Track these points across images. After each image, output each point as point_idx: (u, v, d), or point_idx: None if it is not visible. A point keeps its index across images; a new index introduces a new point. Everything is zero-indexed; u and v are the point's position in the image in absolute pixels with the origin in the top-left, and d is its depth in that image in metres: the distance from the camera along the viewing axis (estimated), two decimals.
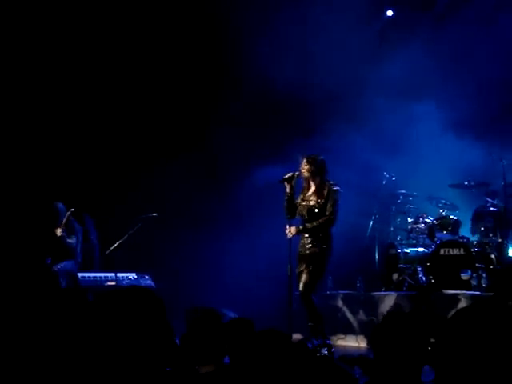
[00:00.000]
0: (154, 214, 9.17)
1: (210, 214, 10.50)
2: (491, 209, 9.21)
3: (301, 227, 7.52)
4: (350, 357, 5.33)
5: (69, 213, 9.22)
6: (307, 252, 7.50)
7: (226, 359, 4.41)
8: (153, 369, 3.07)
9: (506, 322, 2.77)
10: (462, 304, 8.22)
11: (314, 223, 7.47)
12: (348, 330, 9.30)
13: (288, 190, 7.60)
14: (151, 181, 10.52)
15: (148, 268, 9.44)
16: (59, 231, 9.08)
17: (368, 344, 8.83)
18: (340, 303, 9.58)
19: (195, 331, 4.23)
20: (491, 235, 9.09)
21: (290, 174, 7.57)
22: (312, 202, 7.55)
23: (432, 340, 3.45)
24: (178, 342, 4.43)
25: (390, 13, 11.77)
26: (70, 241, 9.25)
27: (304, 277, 7.47)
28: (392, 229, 10.17)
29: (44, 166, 10.37)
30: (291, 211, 7.63)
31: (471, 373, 2.65)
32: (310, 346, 4.70)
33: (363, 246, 10.27)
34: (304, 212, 7.57)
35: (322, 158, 7.66)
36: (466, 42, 10.55)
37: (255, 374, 3.60)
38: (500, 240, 9.04)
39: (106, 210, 10.28)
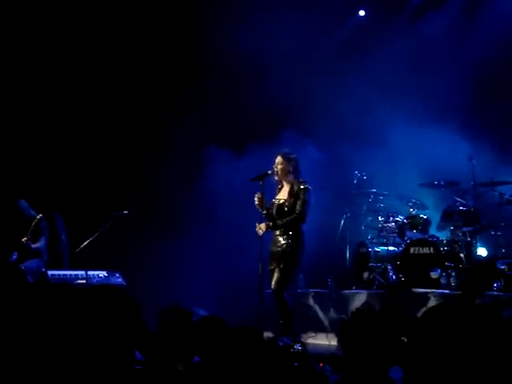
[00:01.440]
0: (125, 212, 9.12)
1: (180, 212, 10.46)
2: (460, 208, 9.28)
3: (270, 224, 7.53)
4: (321, 355, 5.34)
5: (37, 219, 9.10)
6: (279, 249, 7.52)
7: (196, 358, 4.40)
8: (127, 368, 3.05)
9: (472, 320, 2.80)
10: (432, 302, 8.29)
11: (284, 220, 7.49)
12: (319, 328, 9.32)
13: (262, 187, 7.62)
14: (122, 178, 10.48)
15: (118, 266, 9.38)
16: (24, 239, 8.96)
17: (338, 342, 8.88)
18: (311, 301, 9.60)
19: (164, 330, 4.21)
20: (460, 234, 9.16)
21: (263, 173, 7.58)
22: (282, 201, 7.57)
23: (403, 339, 3.46)
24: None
25: (362, 13, 11.85)
26: (35, 245, 9.15)
27: (276, 274, 7.48)
28: (363, 227, 10.22)
29: (15, 163, 10.27)
30: (263, 207, 7.65)
31: (440, 371, 2.67)
32: (282, 344, 4.69)
33: (334, 245, 10.32)
34: (274, 209, 7.60)
35: (294, 156, 7.68)
36: (437, 42, 10.68)
37: (225, 372, 3.59)
38: (469, 239, 9.11)
39: (77, 208, 10.20)
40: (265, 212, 7.64)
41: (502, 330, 2.74)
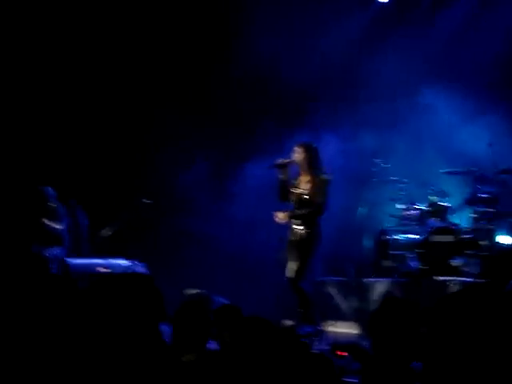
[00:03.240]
0: (148, 201, 9.15)
1: (201, 199, 10.48)
2: (482, 195, 9.22)
3: (290, 213, 7.55)
4: (342, 344, 5.35)
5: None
6: (296, 239, 7.55)
7: (212, 345, 4.41)
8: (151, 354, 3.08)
9: (503, 309, 2.78)
10: (453, 290, 8.25)
11: (303, 211, 7.51)
12: (339, 316, 9.30)
13: (281, 175, 7.63)
14: (143, 168, 10.53)
15: (136, 254, 9.44)
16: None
17: (360, 330, 8.89)
18: (331, 290, 9.57)
19: (179, 318, 4.21)
20: (482, 222, 9.10)
21: (280, 161, 7.60)
22: (302, 190, 7.58)
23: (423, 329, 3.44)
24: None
25: None
26: (56, 226, 9.23)
27: (292, 263, 7.52)
28: (384, 215, 10.18)
29: (34, 151, 10.35)
30: (283, 195, 7.68)
31: (462, 361, 2.65)
32: (301, 332, 4.71)
33: (355, 233, 10.29)
34: (294, 199, 7.62)
35: (314, 145, 7.69)
36: (460, 29, 10.58)
37: (241, 360, 3.62)
38: (490, 227, 9.05)
39: (97, 196, 10.27)
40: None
41: None
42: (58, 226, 9.21)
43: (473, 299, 2.84)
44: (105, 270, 8.85)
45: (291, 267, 7.52)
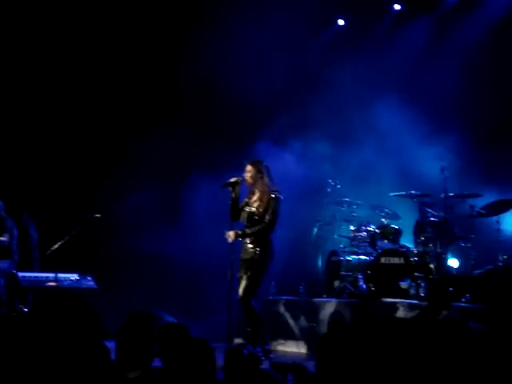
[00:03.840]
0: (98, 215, 9.09)
1: (151, 217, 10.45)
2: (431, 219, 9.35)
3: (240, 232, 7.56)
4: (283, 364, 5.34)
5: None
6: (247, 257, 7.55)
7: (157, 363, 4.39)
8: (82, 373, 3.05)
9: (438, 334, 2.83)
10: (400, 312, 8.35)
11: (253, 229, 7.52)
12: (289, 335, 9.35)
13: (232, 194, 7.64)
14: (95, 182, 10.46)
15: (91, 269, 9.36)
16: None
17: (308, 350, 8.92)
18: (282, 309, 9.62)
19: (124, 334, 4.18)
20: (431, 245, 9.22)
21: (232, 180, 7.60)
22: (253, 209, 7.60)
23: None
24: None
25: (341, 22, 11.90)
26: (2, 239, 9.14)
27: (243, 282, 7.52)
28: (335, 236, 10.25)
29: None
30: (234, 215, 7.68)
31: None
32: (246, 352, 4.70)
33: (308, 253, 10.36)
34: (245, 217, 7.63)
35: (265, 164, 7.70)
36: (418, 51, 10.76)
37: (185, 380, 3.61)
38: (439, 250, 9.18)
39: (49, 210, 10.17)
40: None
41: (469, 342, 2.78)
42: (4, 239, 9.11)
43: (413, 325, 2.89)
44: (53, 284, 8.77)
45: (242, 286, 7.52)
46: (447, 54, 10.51)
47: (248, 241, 7.58)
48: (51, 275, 8.89)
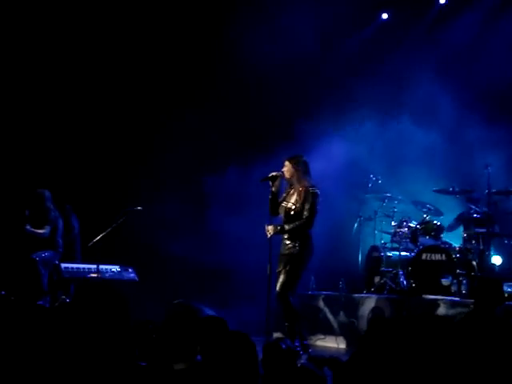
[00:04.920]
0: (139, 208, 9.15)
1: (191, 209, 10.48)
2: (474, 215, 9.23)
3: (279, 228, 7.54)
4: (321, 357, 5.32)
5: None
6: (286, 252, 7.54)
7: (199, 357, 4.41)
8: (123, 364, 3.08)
9: (486, 334, 2.79)
10: (441, 309, 8.28)
11: (291, 225, 7.49)
12: (328, 330, 9.33)
13: (272, 189, 7.63)
14: (137, 175, 10.56)
15: (133, 261, 9.44)
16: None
17: (347, 346, 8.88)
18: (321, 304, 9.60)
19: (169, 327, 4.22)
20: (473, 242, 9.12)
21: (272, 174, 7.59)
22: (290, 204, 7.56)
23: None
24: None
25: (385, 16, 11.80)
26: (40, 231, 9.29)
27: (281, 277, 7.51)
28: (376, 232, 10.19)
29: (29, 156, 10.40)
30: (273, 209, 7.67)
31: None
32: (284, 346, 4.70)
33: (348, 248, 10.31)
34: (282, 213, 7.61)
35: (303, 159, 7.67)
36: (460, 48, 10.62)
37: (222, 373, 3.62)
38: (482, 247, 9.06)
39: (91, 201, 10.28)
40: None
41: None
42: (40, 231, 9.28)
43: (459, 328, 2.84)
44: (95, 276, 8.87)
45: (280, 281, 7.51)
46: (494, 47, 10.33)
47: (286, 236, 7.56)
48: (93, 266, 8.98)
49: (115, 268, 9.21)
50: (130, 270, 9.28)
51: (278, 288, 7.50)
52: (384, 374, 2.62)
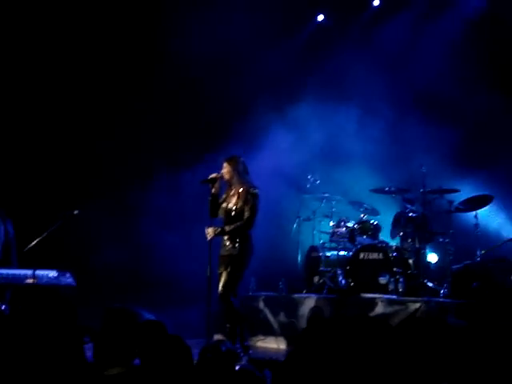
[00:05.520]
0: (76, 212, 9.01)
1: (133, 212, 10.40)
2: (410, 215, 9.40)
3: (219, 229, 7.55)
4: (261, 359, 5.35)
5: None
6: (226, 253, 7.55)
7: (137, 361, 4.38)
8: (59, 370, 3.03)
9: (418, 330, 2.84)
10: (379, 307, 8.39)
11: (232, 226, 7.51)
12: (268, 331, 9.35)
13: (212, 190, 7.63)
14: (72, 177, 10.41)
15: (70, 266, 9.28)
16: None
17: (288, 346, 8.93)
18: (261, 305, 9.62)
19: (106, 331, 4.18)
20: (409, 240, 9.28)
21: (212, 176, 7.59)
22: (230, 205, 7.58)
23: None
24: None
25: (321, 17, 11.91)
26: None
27: (223, 278, 7.52)
28: (315, 232, 10.28)
29: None
30: (213, 211, 7.67)
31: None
32: (224, 348, 4.70)
33: (287, 249, 10.38)
34: (223, 214, 7.62)
35: (242, 159, 7.69)
36: (395, 49, 10.79)
37: (160, 377, 3.61)
38: (418, 245, 9.23)
39: (26, 206, 10.08)
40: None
41: (449, 337, 2.78)
42: None
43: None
44: (31, 281, 8.69)
45: (222, 282, 7.51)
46: (426, 49, 10.54)
47: (226, 237, 7.57)
48: (29, 272, 8.80)
49: (52, 273, 9.03)
50: (67, 274, 9.11)
51: (220, 289, 7.51)
52: (320, 372, 2.64)
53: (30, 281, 8.70)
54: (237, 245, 7.50)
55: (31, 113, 10.63)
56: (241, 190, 7.54)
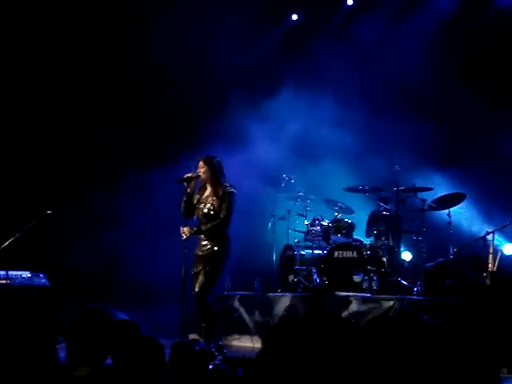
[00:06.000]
0: (49, 212, 8.95)
1: (107, 213, 10.35)
2: (384, 213, 9.46)
3: (195, 229, 7.52)
4: (234, 358, 5.35)
5: None
6: (204, 253, 7.51)
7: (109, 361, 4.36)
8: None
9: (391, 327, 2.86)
10: (353, 306, 8.44)
11: (208, 225, 7.49)
12: (243, 330, 9.35)
13: (187, 190, 7.60)
14: (46, 177, 10.33)
15: (44, 267, 9.21)
16: None
17: (263, 345, 8.93)
18: (236, 304, 9.62)
19: (77, 331, 4.16)
20: (383, 239, 9.33)
21: (188, 175, 7.57)
22: (208, 205, 7.56)
23: None
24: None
25: (295, 17, 11.93)
26: None
27: (200, 277, 7.48)
28: (290, 231, 10.29)
29: None
30: (188, 211, 7.63)
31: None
32: (197, 348, 4.69)
33: (262, 248, 10.38)
34: (200, 214, 7.59)
35: (217, 159, 7.68)
36: (368, 48, 10.84)
37: (129, 377, 3.60)
38: (392, 244, 9.29)
39: None
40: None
41: (422, 334, 2.80)
42: None
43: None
44: (4, 282, 8.61)
45: (198, 281, 7.48)
46: (400, 48, 10.60)
47: (203, 237, 7.55)
48: (2, 273, 8.72)
49: (25, 274, 8.96)
50: (41, 275, 9.04)
51: (197, 289, 7.48)
52: (289, 369, 2.66)
53: (3, 281, 8.63)
54: (215, 244, 7.49)
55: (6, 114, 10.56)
56: (218, 189, 7.53)
